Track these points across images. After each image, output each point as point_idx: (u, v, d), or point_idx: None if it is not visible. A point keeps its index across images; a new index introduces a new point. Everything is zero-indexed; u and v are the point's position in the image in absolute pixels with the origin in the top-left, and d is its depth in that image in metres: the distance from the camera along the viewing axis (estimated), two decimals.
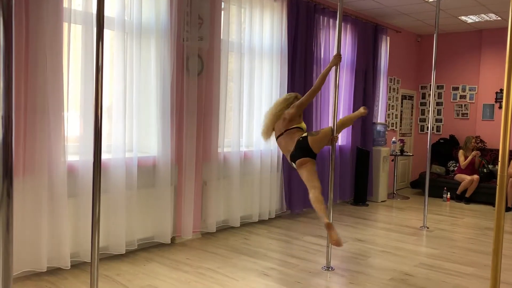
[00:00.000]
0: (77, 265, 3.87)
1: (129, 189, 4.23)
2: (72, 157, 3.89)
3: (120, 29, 4.10)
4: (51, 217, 3.70)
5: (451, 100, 8.77)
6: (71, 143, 3.94)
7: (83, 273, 3.76)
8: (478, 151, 7.71)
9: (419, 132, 9.25)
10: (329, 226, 3.72)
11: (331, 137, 4.10)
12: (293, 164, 4.14)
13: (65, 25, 3.72)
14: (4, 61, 0.83)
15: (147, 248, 4.47)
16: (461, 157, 7.79)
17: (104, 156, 3.89)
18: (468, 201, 7.54)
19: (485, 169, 7.73)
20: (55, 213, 3.71)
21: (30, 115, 3.53)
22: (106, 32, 4.11)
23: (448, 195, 7.69)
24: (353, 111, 7.07)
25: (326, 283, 3.82)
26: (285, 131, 4.13)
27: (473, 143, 7.78)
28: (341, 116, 6.97)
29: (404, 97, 8.92)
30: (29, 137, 3.54)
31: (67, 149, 3.80)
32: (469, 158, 7.65)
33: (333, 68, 4.15)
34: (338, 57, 4.11)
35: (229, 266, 4.09)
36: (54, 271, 3.73)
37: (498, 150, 6.93)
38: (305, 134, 4.06)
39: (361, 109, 4.35)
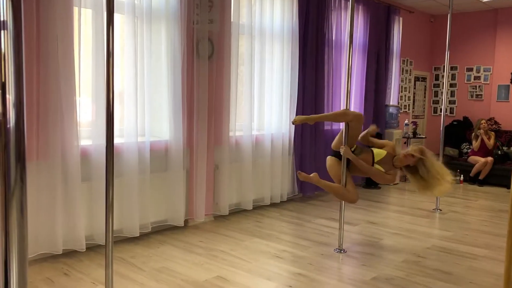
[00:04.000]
0: (92, 248, 3.93)
1: (142, 173, 4.26)
2: (85, 142, 3.93)
3: (130, 13, 4.09)
4: (66, 201, 3.76)
5: (465, 81, 8.64)
6: (84, 127, 3.98)
7: (98, 255, 3.82)
8: (489, 131, 7.63)
9: (432, 114, 9.15)
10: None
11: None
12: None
13: (75, 10, 3.72)
14: (14, 46, 0.83)
15: (161, 231, 4.52)
16: (473, 140, 7.72)
17: (117, 140, 3.92)
18: (482, 183, 7.47)
19: (499, 151, 7.64)
20: (69, 196, 3.77)
21: (42, 100, 3.55)
22: (116, 16, 4.09)
23: (462, 178, 7.64)
24: (365, 94, 7.01)
25: (338, 265, 3.83)
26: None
27: (483, 124, 7.64)
28: (353, 99, 6.93)
29: (417, 78, 8.80)
30: (42, 122, 3.57)
31: (80, 133, 3.83)
32: (479, 139, 7.58)
33: (346, 50, 4.10)
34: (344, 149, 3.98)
35: (242, 248, 4.12)
36: (69, 254, 3.80)
37: None
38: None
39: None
